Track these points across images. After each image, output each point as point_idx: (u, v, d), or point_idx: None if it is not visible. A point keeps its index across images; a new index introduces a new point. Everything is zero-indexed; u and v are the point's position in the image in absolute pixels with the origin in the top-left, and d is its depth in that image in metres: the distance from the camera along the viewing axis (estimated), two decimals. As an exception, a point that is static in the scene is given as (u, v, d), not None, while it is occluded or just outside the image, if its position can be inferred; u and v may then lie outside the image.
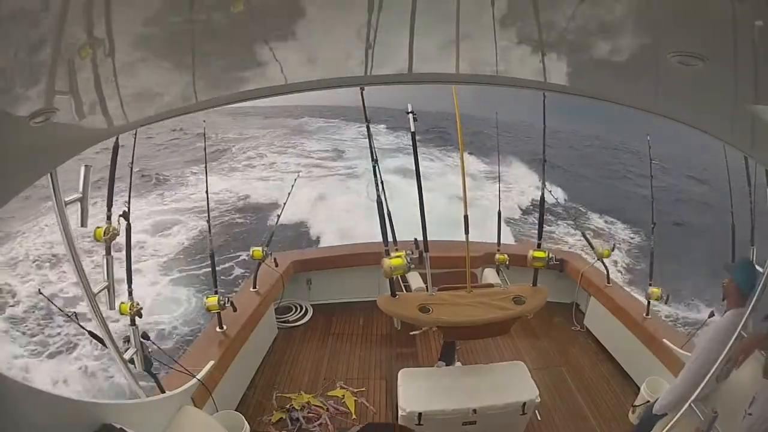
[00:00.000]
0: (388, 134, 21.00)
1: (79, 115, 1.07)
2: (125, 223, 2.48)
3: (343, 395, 3.58)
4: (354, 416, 3.40)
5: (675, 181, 20.93)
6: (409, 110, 3.10)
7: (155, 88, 1.15)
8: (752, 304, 2.02)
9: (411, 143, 3.19)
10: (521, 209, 14.03)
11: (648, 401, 2.75)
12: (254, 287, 4.00)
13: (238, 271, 9.40)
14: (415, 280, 3.62)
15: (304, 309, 4.68)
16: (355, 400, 3.53)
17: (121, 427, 1.79)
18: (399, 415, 2.67)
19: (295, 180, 4.55)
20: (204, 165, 3.71)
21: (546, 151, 3.59)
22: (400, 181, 11.02)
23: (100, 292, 2.05)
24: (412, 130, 3.13)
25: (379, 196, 3.03)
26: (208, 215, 3.55)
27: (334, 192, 14.31)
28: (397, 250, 2.90)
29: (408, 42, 1.06)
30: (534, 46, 1.05)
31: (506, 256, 3.83)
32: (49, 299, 6.01)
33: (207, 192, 3.63)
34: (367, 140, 3.33)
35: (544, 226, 3.60)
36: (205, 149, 3.90)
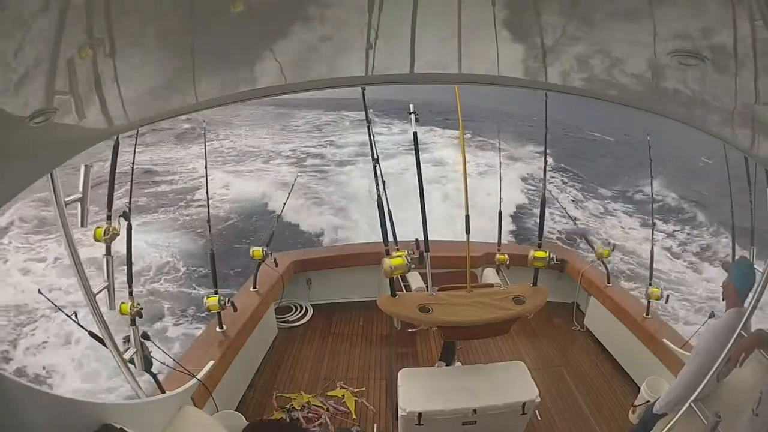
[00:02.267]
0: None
1: (79, 115, 1.07)
2: (125, 223, 2.48)
3: (343, 395, 3.58)
4: (354, 416, 3.40)
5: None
6: (411, 110, 3.10)
7: (155, 88, 1.15)
8: (752, 303, 2.02)
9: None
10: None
11: (648, 401, 2.75)
12: (254, 287, 4.00)
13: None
14: (415, 279, 3.62)
15: (304, 309, 4.68)
16: (355, 400, 3.53)
17: (121, 427, 1.79)
18: (399, 415, 2.68)
19: (295, 180, 4.57)
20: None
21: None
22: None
23: (100, 292, 2.05)
24: (414, 130, 3.13)
25: (379, 196, 3.03)
26: (209, 215, 3.55)
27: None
28: (397, 249, 2.90)
29: (409, 42, 1.06)
30: (534, 46, 1.05)
31: (506, 256, 3.83)
32: (48, 299, 6.01)
33: (207, 192, 3.64)
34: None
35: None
36: (205, 150, 3.90)
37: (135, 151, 2.69)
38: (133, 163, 2.73)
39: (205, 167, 3.72)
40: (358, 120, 18.53)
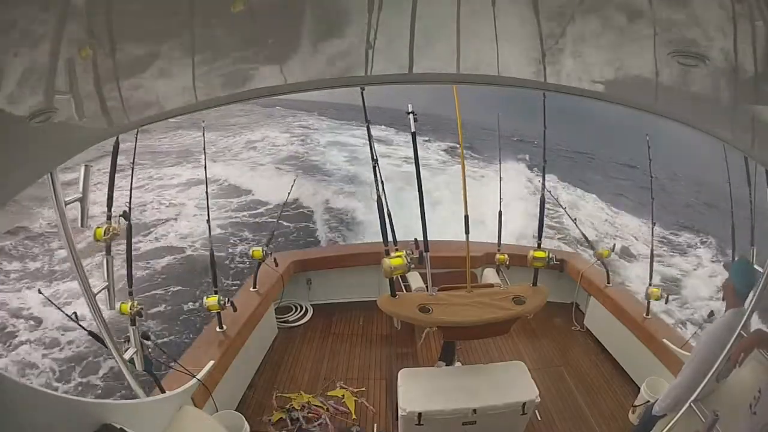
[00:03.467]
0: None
1: (79, 115, 1.07)
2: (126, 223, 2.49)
3: (343, 395, 3.58)
4: (354, 416, 3.40)
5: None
6: (410, 110, 3.10)
7: (155, 88, 1.15)
8: (752, 303, 2.02)
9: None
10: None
11: (648, 401, 2.75)
12: (254, 287, 4.01)
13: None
14: (415, 280, 3.62)
15: (304, 309, 4.69)
16: (355, 400, 3.53)
17: (121, 427, 1.79)
18: (399, 415, 2.68)
19: (294, 182, 4.59)
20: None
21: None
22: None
23: (100, 292, 2.05)
24: (413, 130, 3.13)
25: (379, 196, 3.03)
26: (208, 215, 3.55)
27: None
28: (397, 250, 2.90)
29: (408, 42, 1.06)
30: (534, 46, 1.05)
31: (506, 256, 3.83)
32: (48, 299, 6.02)
33: (207, 192, 3.64)
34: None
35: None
36: (204, 150, 3.90)
37: (135, 151, 2.69)
38: (133, 164, 2.73)
39: (204, 167, 3.72)
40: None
